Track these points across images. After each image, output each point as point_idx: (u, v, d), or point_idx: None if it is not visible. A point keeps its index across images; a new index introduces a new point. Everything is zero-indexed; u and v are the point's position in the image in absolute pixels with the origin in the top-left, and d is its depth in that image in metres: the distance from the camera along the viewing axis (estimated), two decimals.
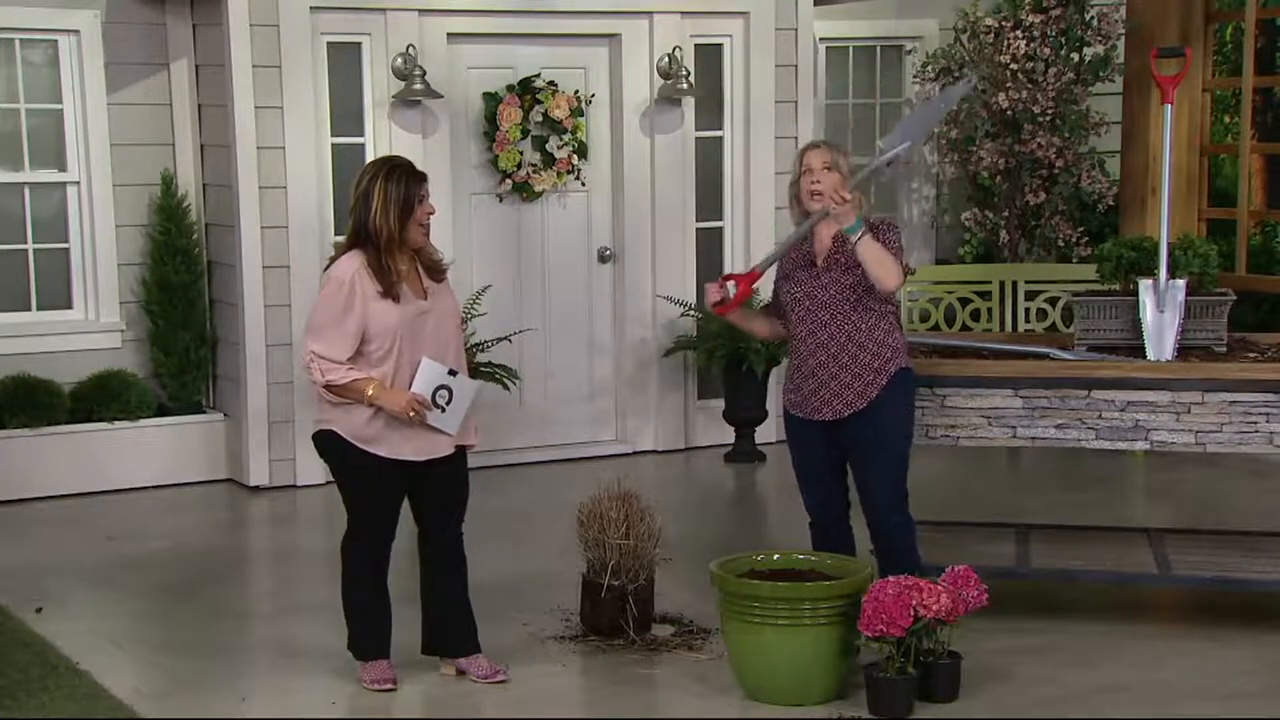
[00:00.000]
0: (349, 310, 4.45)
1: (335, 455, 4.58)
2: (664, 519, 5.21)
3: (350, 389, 4.47)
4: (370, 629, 4.67)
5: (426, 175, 4.62)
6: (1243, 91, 8.49)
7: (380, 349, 4.48)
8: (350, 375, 4.46)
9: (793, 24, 7.96)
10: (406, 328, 4.49)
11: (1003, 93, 8.24)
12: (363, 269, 4.47)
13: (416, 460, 4.56)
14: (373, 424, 4.50)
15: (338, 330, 4.45)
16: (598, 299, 7.90)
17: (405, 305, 4.50)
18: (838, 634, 4.47)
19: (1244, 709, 4.46)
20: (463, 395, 4.57)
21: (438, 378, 4.52)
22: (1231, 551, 5.35)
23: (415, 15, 7.29)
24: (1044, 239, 8.45)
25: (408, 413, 4.46)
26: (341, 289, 4.46)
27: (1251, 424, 4.88)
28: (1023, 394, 5.05)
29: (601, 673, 4.85)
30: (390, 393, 4.47)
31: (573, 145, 7.66)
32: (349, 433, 4.52)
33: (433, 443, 4.57)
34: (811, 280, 4.82)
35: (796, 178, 4.88)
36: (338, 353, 4.45)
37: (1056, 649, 4.93)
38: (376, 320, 4.46)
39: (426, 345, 4.53)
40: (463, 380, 4.58)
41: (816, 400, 4.78)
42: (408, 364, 4.50)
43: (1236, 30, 8.51)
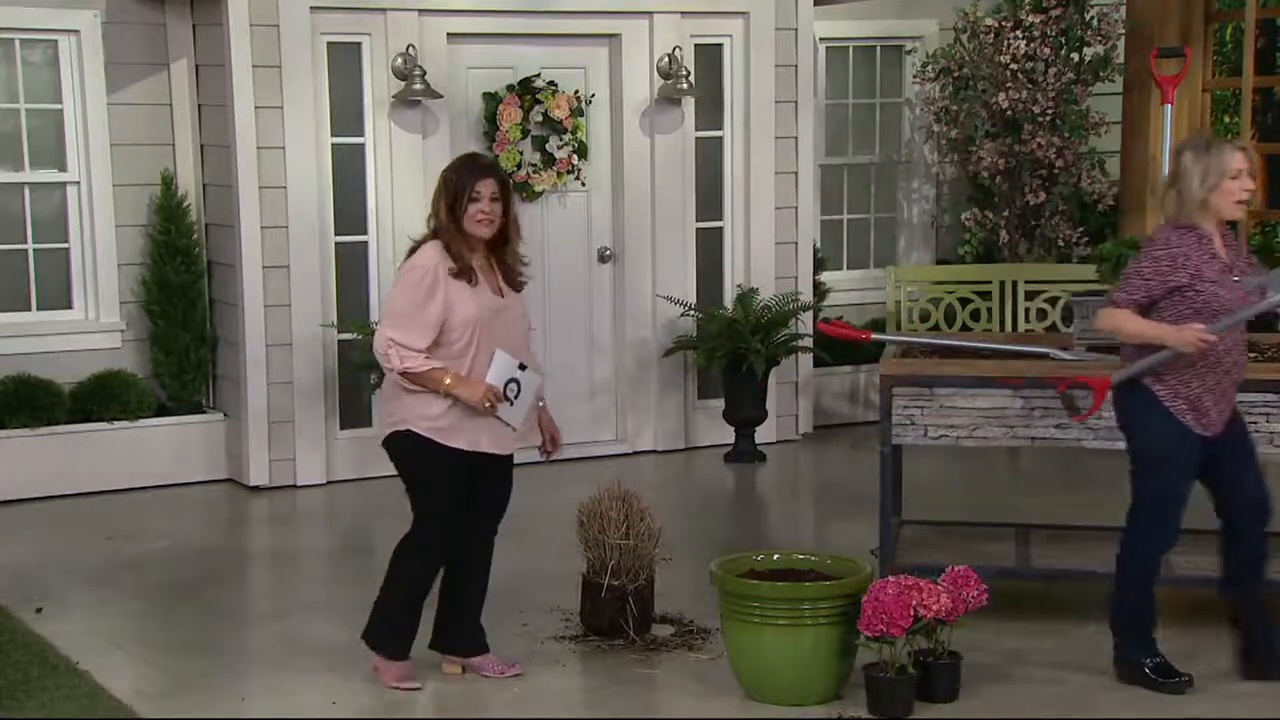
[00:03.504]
0: (431, 297, 4.47)
1: (412, 453, 4.57)
2: (664, 519, 5.22)
3: (428, 378, 4.49)
4: (409, 630, 4.69)
5: (497, 175, 4.59)
6: (1242, 92, 8.49)
7: (461, 340, 4.51)
8: (429, 364, 4.48)
9: (793, 24, 7.96)
10: (485, 321, 4.53)
11: (1003, 93, 8.24)
12: (442, 256, 4.51)
13: (490, 453, 4.59)
14: (448, 416, 4.52)
15: (419, 317, 4.47)
16: (598, 299, 7.89)
17: (482, 297, 4.54)
18: (837, 634, 4.47)
19: (1244, 707, 4.46)
20: (529, 390, 4.61)
21: (510, 370, 4.56)
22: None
23: (415, 15, 7.28)
24: (1044, 239, 8.46)
25: (485, 403, 4.49)
26: (426, 276, 4.49)
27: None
28: (1022, 394, 5.05)
29: (601, 672, 4.85)
30: (467, 382, 4.50)
31: (573, 145, 7.66)
32: (427, 428, 4.53)
33: (504, 436, 4.62)
34: (1234, 288, 4.55)
35: (1216, 181, 4.46)
36: (417, 340, 4.47)
37: (1057, 649, 4.93)
38: (457, 311, 4.49)
39: (502, 342, 4.58)
40: (530, 375, 4.63)
41: (1217, 412, 4.57)
42: (485, 358, 4.54)
43: (1236, 30, 8.52)
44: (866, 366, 8.31)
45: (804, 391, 8.21)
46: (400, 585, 4.67)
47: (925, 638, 4.44)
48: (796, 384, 8.17)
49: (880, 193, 8.99)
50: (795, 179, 8.09)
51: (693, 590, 5.25)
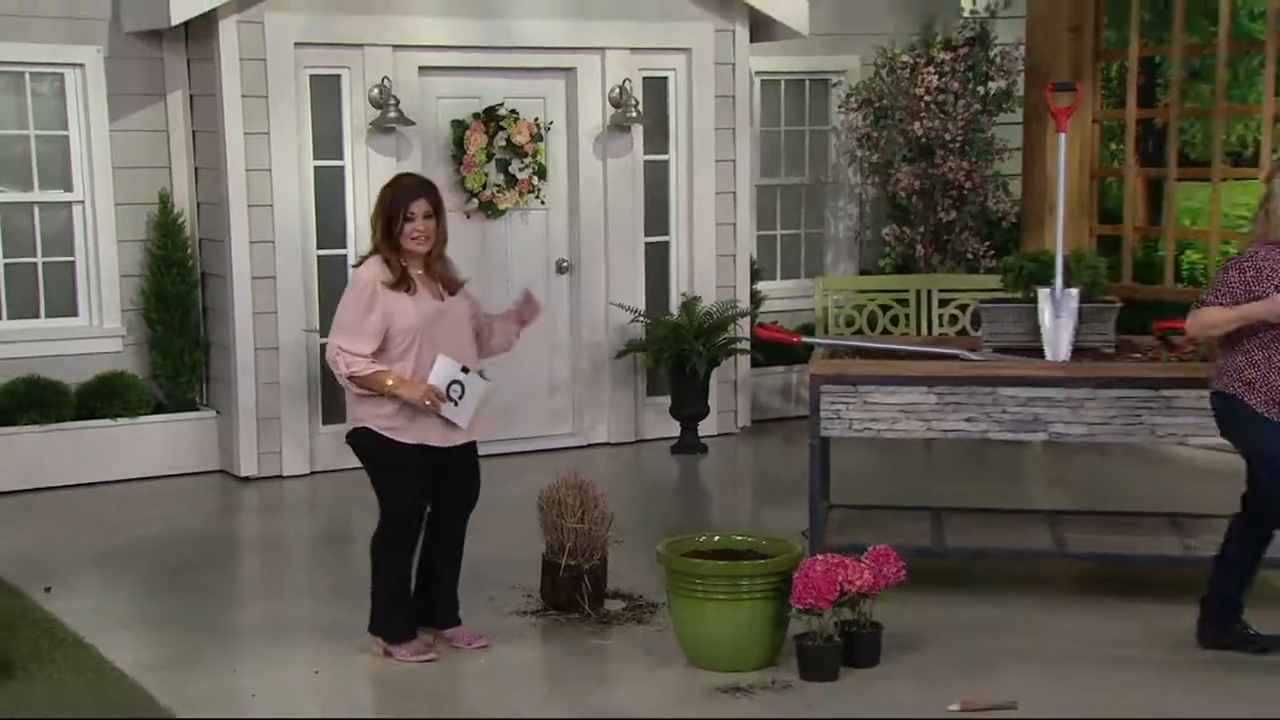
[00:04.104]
0: (372, 308, 4.46)
1: (369, 449, 4.58)
2: (616, 505, 5.22)
3: (372, 380, 4.48)
4: (403, 611, 4.67)
5: (429, 195, 4.55)
6: (1127, 122, 8.58)
7: (401, 345, 4.49)
8: (373, 368, 4.47)
9: (730, 59, 7.98)
10: (425, 327, 4.50)
11: (918, 121, 8.28)
12: (382, 269, 4.50)
13: (440, 447, 4.56)
14: (398, 416, 4.51)
15: (362, 326, 4.46)
16: (556, 306, 7.87)
17: (423, 304, 4.52)
18: (772, 607, 4.48)
19: (1132, 672, 4.51)
20: (474, 392, 4.57)
21: (452, 373, 4.53)
22: (1120, 530, 5.40)
23: (390, 50, 7.25)
24: (955, 252, 8.50)
25: (424, 401, 4.47)
26: (366, 288, 4.49)
27: (1136, 417, 4.93)
28: (936, 391, 5.07)
29: (559, 643, 4.85)
30: (408, 384, 4.48)
31: (533, 168, 7.65)
32: (379, 425, 4.52)
33: (452, 433, 4.58)
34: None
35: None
36: (361, 347, 4.46)
37: (967, 619, 4.96)
38: (397, 319, 4.48)
39: (444, 345, 4.55)
40: (475, 378, 4.59)
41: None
42: (428, 361, 4.51)
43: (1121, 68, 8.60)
44: (798, 367, 8.34)
45: (742, 389, 8.23)
46: (381, 575, 4.66)
47: (850, 610, 4.46)
48: (735, 383, 8.19)
49: (809, 211, 9.02)
50: (733, 198, 8.11)
51: (642, 569, 5.26)
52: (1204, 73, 11.07)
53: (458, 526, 4.77)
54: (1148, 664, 4.55)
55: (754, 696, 4.32)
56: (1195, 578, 5.23)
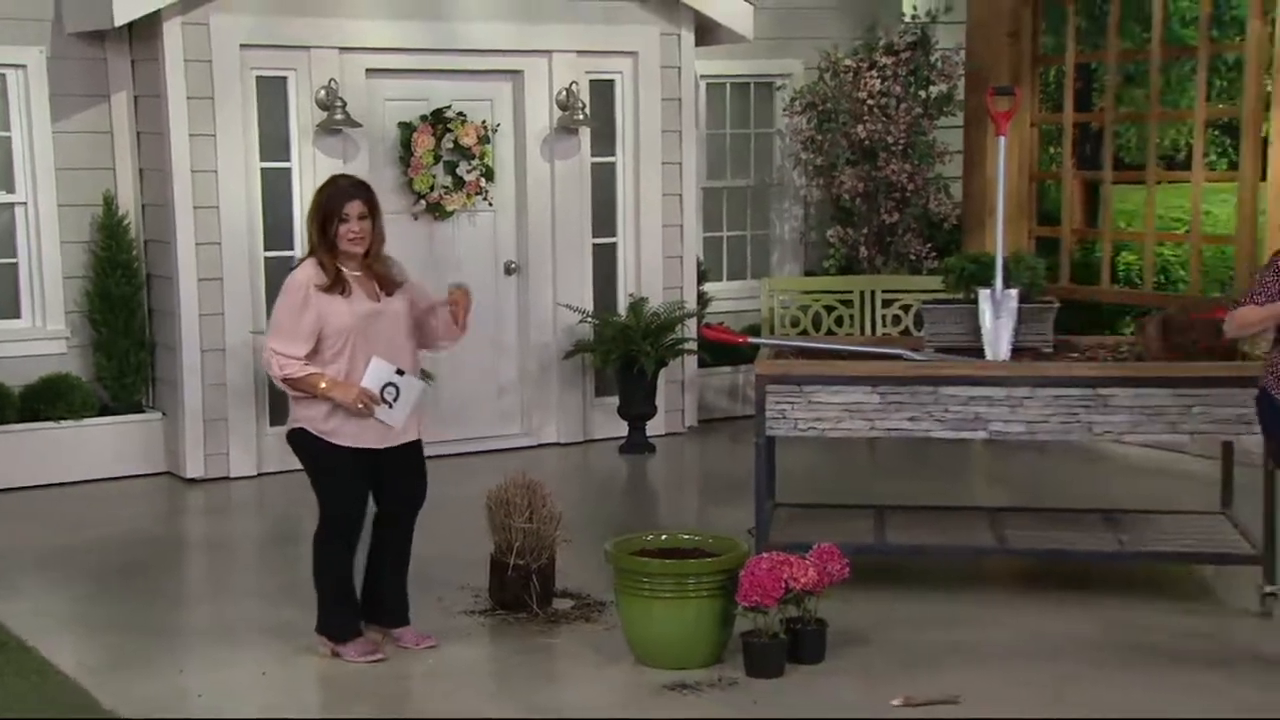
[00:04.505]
0: (305, 310, 4.44)
1: (306, 449, 4.56)
2: (564, 504, 5.21)
3: (305, 382, 4.45)
4: (348, 611, 4.64)
5: (365, 196, 4.53)
6: (1064, 126, 8.68)
7: (334, 347, 4.46)
8: (305, 370, 4.44)
9: (676, 63, 8.00)
10: (359, 329, 4.48)
11: (861, 125, 8.34)
12: (316, 272, 4.48)
13: (378, 448, 4.53)
14: (332, 418, 4.48)
15: (294, 329, 4.44)
16: (504, 307, 7.87)
17: (357, 306, 4.48)
18: (718, 605, 4.50)
19: (1070, 665, 4.56)
20: (409, 393, 4.54)
21: (386, 375, 4.49)
22: (1059, 526, 5.46)
23: (337, 52, 7.21)
24: (898, 254, 8.56)
25: (356, 405, 4.44)
26: (298, 291, 4.47)
27: (1074, 415, 4.97)
28: (879, 391, 5.09)
29: (507, 642, 4.83)
30: (341, 386, 4.45)
31: (481, 169, 7.62)
32: (315, 427, 4.50)
33: (388, 433, 4.55)
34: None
35: None
36: (294, 349, 4.43)
37: (909, 614, 4.99)
38: (331, 320, 4.45)
39: (378, 346, 4.51)
40: (410, 380, 4.56)
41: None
42: (361, 363, 4.48)
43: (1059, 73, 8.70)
44: (744, 367, 8.36)
45: (689, 389, 8.25)
46: (323, 574, 4.63)
47: (795, 607, 4.48)
48: (683, 383, 8.20)
49: (755, 212, 9.05)
50: (680, 200, 8.13)
51: (591, 568, 5.25)
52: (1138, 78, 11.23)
53: (404, 526, 4.74)
54: (1087, 657, 4.61)
55: (701, 694, 4.33)
56: (1131, 572, 5.31)
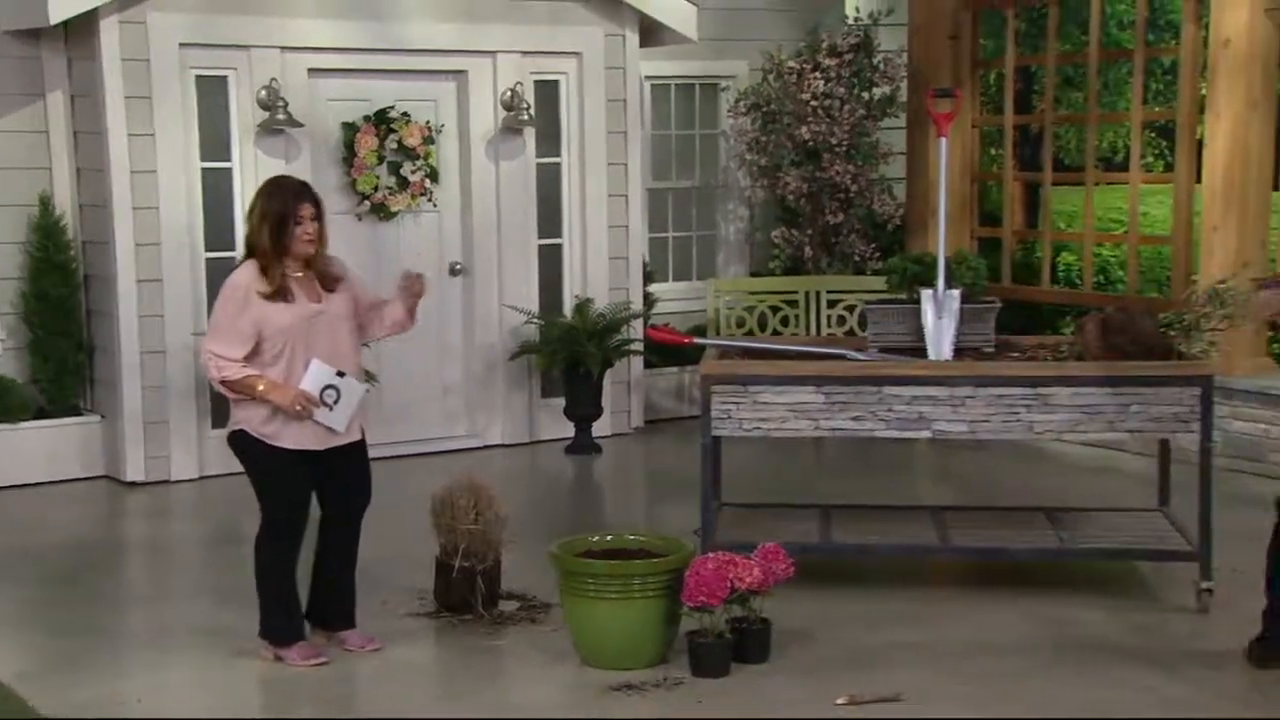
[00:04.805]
0: (242, 313, 4.39)
1: (246, 451, 4.51)
2: (511, 505, 5.18)
3: (243, 385, 4.41)
4: (291, 614, 4.59)
5: (313, 197, 4.51)
6: (1005, 128, 8.76)
7: (274, 349, 4.42)
8: (244, 372, 4.40)
9: (621, 64, 7.99)
10: (299, 330, 4.44)
11: (805, 126, 8.37)
12: (256, 276, 4.43)
13: (319, 450, 4.48)
14: (273, 421, 4.44)
15: (232, 331, 4.40)
16: (449, 308, 7.82)
17: (298, 308, 4.45)
18: (663, 605, 4.49)
19: (1011, 662, 4.59)
20: (350, 396, 4.50)
21: (326, 378, 4.45)
22: (1001, 524, 5.50)
23: (278, 52, 7.14)
24: (842, 254, 8.61)
25: (295, 407, 4.40)
26: (236, 293, 4.43)
27: (1015, 414, 5.01)
28: (824, 391, 5.10)
29: (453, 644, 4.81)
30: (280, 389, 4.41)
31: (425, 170, 7.58)
32: (254, 429, 4.45)
33: (329, 435, 4.51)
34: None
35: None
36: (233, 351, 4.39)
37: (853, 613, 5.02)
38: (270, 322, 4.41)
39: (319, 347, 4.47)
40: (350, 382, 4.52)
41: None
42: (301, 364, 4.44)
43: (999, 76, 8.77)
44: (690, 368, 8.37)
45: (635, 390, 8.25)
46: (266, 577, 4.58)
47: (740, 606, 4.48)
48: (629, 383, 8.20)
49: (700, 213, 9.07)
50: (625, 201, 8.12)
51: (537, 569, 5.22)
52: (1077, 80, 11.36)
53: (350, 528, 4.70)
54: (1028, 654, 4.64)
55: (646, 694, 4.33)
56: (1071, 569, 5.36)
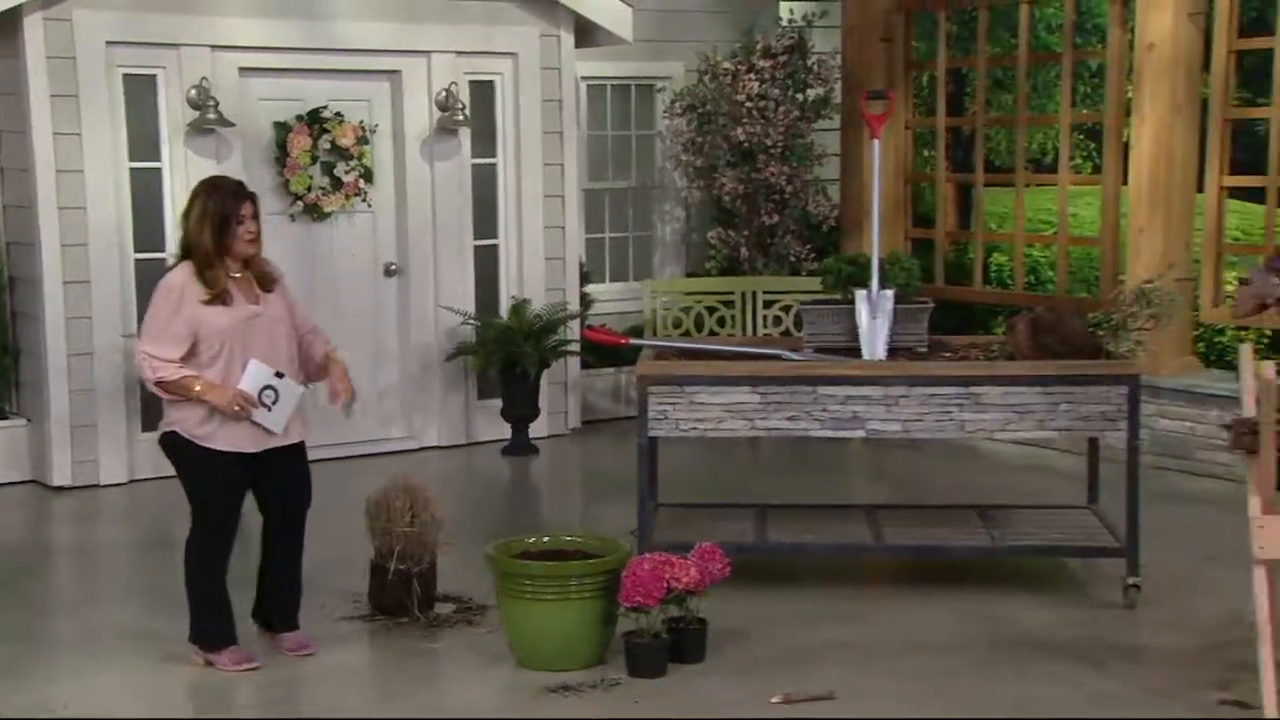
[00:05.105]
0: (177, 314, 4.35)
1: (179, 454, 4.46)
2: (447, 507, 5.16)
3: (179, 386, 4.36)
4: (222, 618, 4.53)
5: (251, 196, 4.49)
6: (938, 130, 8.85)
7: (211, 350, 4.38)
8: (180, 373, 4.35)
9: (556, 64, 7.98)
10: (236, 331, 4.40)
11: (740, 127, 8.40)
12: (191, 277, 4.39)
13: (255, 452, 4.44)
14: (209, 421, 4.40)
15: (167, 332, 4.36)
16: (385, 309, 7.77)
17: (236, 310, 4.41)
18: (599, 606, 4.49)
19: (945, 659, 4.63)
20: (289, 397, 4.46)
21: (264, 378, 4.42)
22: (934, 523, 5.55)
23: (208, 51, 7.05)
24: (778, 255, 8.65)
25: (233, 408, 4.36)
26: (171, 294, 4.38)
27: (947, 414, 5.06)
28: (760, 391, 5.12)
29: (388, 647, 4.77)
30: (217, 389, 4.37)
31: (359, 170, 7.52)
32: (188, 430, 4.40)
33: (265, 437, 4.47)
34: None
35: None
36: (168, 352, 4.35)
37: (789, 612, 5.04)
38: (207, 323, 4.37)
39: (257, 348, 4.43)
40: (288, 383, 4.48)
41: None
42: (239, 365, 4.40)
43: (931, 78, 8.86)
44: (627, 368, 8.37)
45: (572, 391, 8.23)
46: (197, 580, 4.53)
47: (677, 606, 4.49)
48: (566, 384, 8.18)
49: (637, 214, 9.07)
50: (562, 202, 8.11)
51: (473, 571, 5.20)
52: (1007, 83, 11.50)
53: (290, 530, 4.66)
54: (961, 651, 4.69)
55: (582, 695, 4.32)
56: (1003, 566, 5.43)
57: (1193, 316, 7.41)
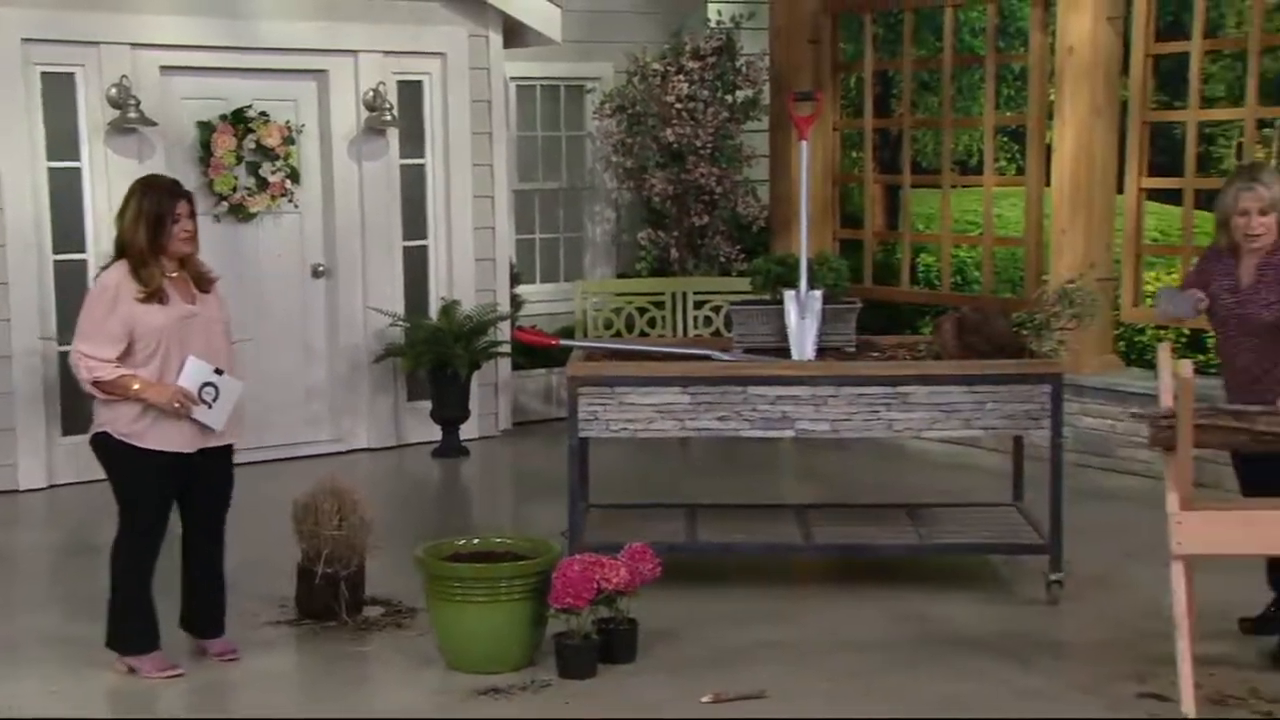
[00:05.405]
0: (112, 313, 4.30)
1: (109, 455, 4.39)
2: (376, 510, 5.11)
3: (116, 385, 4.31)
4: (146, 623, 4.47)
5: (188, 195, 4.46)
6: (865, 131, 8.92)
7: (147, 349, 4.33)
8: (117, 372, 4.30)
9: (485, 64, 7.94)
10: (173, 330, 4.35)
11: (670, 128, 8.41)
12: (126, 276, 4.34)
13: (188, 452, 4.38)
14: (141, 420, 4.33)
15: (102, 331, 4.30)
16: (312, 311, 7.69)
17: (172, 309, 4.37)
18: (530, 607, 4.47)
19: (873, 656, 4.66)
20: (228, 394, 4.42)
21: (203, 375, 4.37)
22: (862, 522, 5.59)
23: (128, 49, 6.94)
24: (708, 255, 8.67)
25: (173, 404, 4.31)
26: (105, 294, 4.33)
27: (875, 413, 5.09)
28: (690, 391, 5.13)
29: (315, 652, 4.72)
30: (156, 386, 4.32)
31: (285, 171, 7.43)
32: (120, 431, 4.34)
33: (199, 436, 4.42)
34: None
35: (1227, 216, 4.50)
36: (104, 352, 4.29)
37: (719, 612, 5.05)
38: (142, 322, 4.32)
39: (194, 347, 4.39)
40: (228, 380, 4.44)
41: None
42: (175, 365, 4.35)
43: (859, 79, 8.94)
44: (558, 369, 8.34)
45: (503, 392, 8.20)
46: (124, 585, 4.46)
47: (607, 607, 4.48)
48: (496, 385, 8.15)
49: (568, 215, 9.06)
50: (491, 202, 8.07)
51: (403, 574, 5.15)
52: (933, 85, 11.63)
53: (215, 531, 4.61)
54: (889, 649, 4.73)
55: (512, 697, 4.30)
56: (931, 564, 5.48)
57: (1114, 316, 7.54)
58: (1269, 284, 4.47)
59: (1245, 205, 4.49)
